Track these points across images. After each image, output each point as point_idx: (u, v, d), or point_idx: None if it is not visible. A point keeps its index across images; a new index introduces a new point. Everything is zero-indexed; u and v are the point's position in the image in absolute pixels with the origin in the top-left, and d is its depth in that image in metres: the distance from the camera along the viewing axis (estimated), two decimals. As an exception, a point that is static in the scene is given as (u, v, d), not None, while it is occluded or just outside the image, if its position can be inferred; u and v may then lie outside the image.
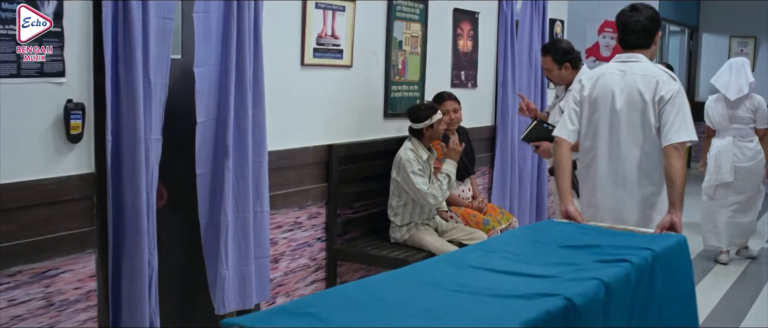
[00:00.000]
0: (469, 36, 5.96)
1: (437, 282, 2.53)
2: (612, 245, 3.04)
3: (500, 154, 6.35)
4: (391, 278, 2.60)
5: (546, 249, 3.04)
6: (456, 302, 2.35)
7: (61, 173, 3.06)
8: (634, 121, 3.56)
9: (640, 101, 3.54)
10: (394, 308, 2.27)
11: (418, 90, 5.35)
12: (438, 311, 2.26)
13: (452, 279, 2.57)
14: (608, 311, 2.59)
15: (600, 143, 3.65)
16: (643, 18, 3.63)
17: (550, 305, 2.30)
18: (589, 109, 3.66)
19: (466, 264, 2.76)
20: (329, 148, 4.53)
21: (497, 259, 2.84)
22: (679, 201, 3.43)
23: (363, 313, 2.20)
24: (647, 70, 3.59)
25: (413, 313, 2.23)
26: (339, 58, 4.57)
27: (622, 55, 3.69)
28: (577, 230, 3.33)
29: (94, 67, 3.16)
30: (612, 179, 3.65)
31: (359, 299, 2.32)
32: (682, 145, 3.46)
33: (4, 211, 2.87)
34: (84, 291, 3.20)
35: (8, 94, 2.84)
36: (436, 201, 4.62)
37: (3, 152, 2.86)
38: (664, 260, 3.03)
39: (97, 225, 3.21)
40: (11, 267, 2.92)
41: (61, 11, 2.98)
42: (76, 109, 3.07)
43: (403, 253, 4.60)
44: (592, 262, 2.82)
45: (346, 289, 2.49)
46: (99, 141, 3.20)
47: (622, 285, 2.69)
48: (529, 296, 2.39)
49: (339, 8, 4.49)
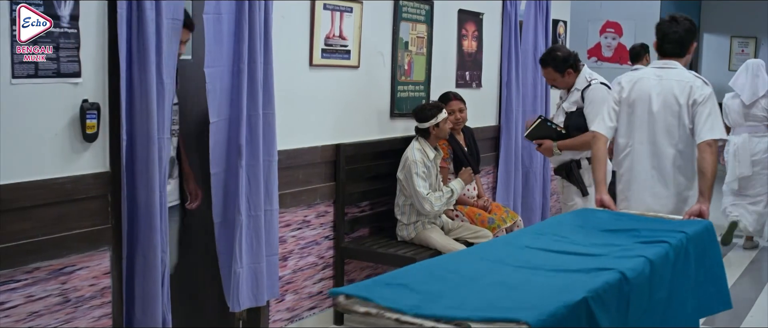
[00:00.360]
0: (474, 37, 6.02)
1: (501, 259, 2.87)
2: (648, 228, 3.41)
3: (504, 154, 6.40)
4: (461, 257, 3.02)
5: (589, 233, 3.38)
6: (522, 275, 2.69)
7: (76, 171, 3.12)
8: (669, 122, 3.90)
9: (676, 104, 3.88)
10: (471, 280, 2.62)
11: (423, 90, 5.40)
12: (510, 283, 2.59)
13: (514, 257, 2.91)
14: (652, 285, 2.91)
15: (636, 141, 3.98)
16: (681, 30, 3.96)
17: (607, 277, 2.63)
18: (628, 109, 3.99)
19: (522, 244, 3.12)
20: (337, 148, 4.58)
21: (548, 240, 3.19)
22: (708, 191, 3.78)
23: (445, 284, 2.55)
24: (682, 76, 3.92)
25: (489, 284, 2.58)
26: (346, 58, 4.62)
27: (659, 61, 4.03)
28: (613, 217, 3.68)
29: (109, 68, 3.20)
30: (648, 173, 3.98)
31: (439, 273, 2.66)
32: (714, 142, 3.81)
33: (22, 209, 2.93)
34: (99, 288, 3.25)
35: (26, 95, 2.90)
36: (432, 209, 4.66)
37: (21, 151, 2.91)
38: (695, 242, 3.37)
39: (112, 223, 3.26)
40: (29, 264, 2.97)
41: (77, 13, 3.04)
42: (92, 109, 3.12)
43: (410, 251, 4.65)
44: (634, 243, 3.18)
45: (426, 265, 2.83)
46: (114, 140, 3.25)
47: (663, 262, 3.02)
48: (587, 270, 2.72)
49: (346, 9, 4.54)
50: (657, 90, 3.92)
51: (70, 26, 3.01)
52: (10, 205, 2.87)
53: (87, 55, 3.11)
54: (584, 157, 4.86)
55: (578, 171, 4.88)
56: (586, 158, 4.86)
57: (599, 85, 4.82)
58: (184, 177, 3.91)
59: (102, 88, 3.19)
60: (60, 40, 2.98)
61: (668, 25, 3.97)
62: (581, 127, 4.80)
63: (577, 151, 4.85)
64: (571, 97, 4.92)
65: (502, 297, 2.43)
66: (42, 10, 2.89)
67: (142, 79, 3.23)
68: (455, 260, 2.91)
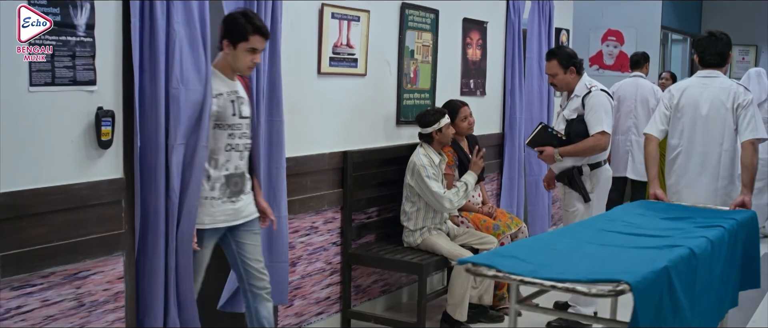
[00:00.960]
0: (478, 45, 6.08)
1: (585, 239, 3.43)
2: (702, 216, 3.96)
3: (508, 161, 6.46)
4: (552, 237, 3.63)
5: (652, 219, 3.92)
6: (607, 251, 3.24)
7: (92, 177, 3.17)
8: (716, 124, 4.49)
9: (722, 108, 4.46)
10: (566, 254, 3.17)
11: (429, 97, 5.46)
12: (599, 256, 3.14)
13: (595, 237, 3.47)
14: (712, 262, 3.42)
15: (685, 142, 4.57)
16: (721, 44, 4.59)
17: (680, 252, 3.14)
18: (677, 114, 4.57)
19: (597, 228, 3.66)
20: (344, 155, 4.64)
21: (619, 225, 3.72)
22: (750, 184, 4.33)
23: (547, 256, 3.09)
24: (725, 84, 4.53)
25: (582, 257, 3.11)
26: (354, 66, 4.68)
27: (703, 72, 4.62)
28: (669, 207, 4.25)
29: (123, 76, 3.26)
30: (696, 170, 4.56)
31: (539, 249, 3.23)
32: (757, 141, 4.37)
33: (38, 214, 2.98)
34: (113, 293, 3.30)
35: (43, 102, 2.95)
36: (451, 205, 4.74)
37: (38, 158, 2.97)
38: (744, 228, 3.93)
39: (126, 229, 3.31)
40: (45, 269, 3.02)
41: (93, 22, 3.09)
42: (107, 116, 3.17)
43: (417, 257, 4.70)
44: (693, 227, 3.68)
45: (526, 243, 3.55)
46: (127, 147, 3.31)
47: (720, 243, 3.54)
48: (660, 247, 3.24)
49: (354, 18, 4.60)
50: (704, 96, 4.49)
51: (86, 35, 3.07)
52: (27, 210, 2.92)
53: (102, 63, 3.16)
54: (585, 163, 4.92)
55: (580, 177, 4.93)
56: (587, 165, 4.92)
57: (599, 92, 4.89)
58: (255, 193, 3.77)
59: (116, 95, 3.25)
60: (76, 49, 3.03)
61: (708, 40, 4.60)
62: (582, 134, 4.86)
63: (578, 158, 4.91)
64: (572, 105, 4.98)
65: (597, 266, 2.94)
66: (59, 19, 2.95)
67: (152, 87, 3.29)
68: (549, 240, 3.50)
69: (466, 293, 4.72)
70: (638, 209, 4.17)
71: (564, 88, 5.08)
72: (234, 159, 3.55)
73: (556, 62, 5.02)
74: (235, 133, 3.53)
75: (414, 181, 4.75)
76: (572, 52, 5.11)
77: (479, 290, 4.83)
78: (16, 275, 2.92)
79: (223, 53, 3.53)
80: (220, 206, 3.52)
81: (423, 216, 4.79)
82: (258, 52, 3.49)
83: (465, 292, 4.71)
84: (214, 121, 3.47)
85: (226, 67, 3.54)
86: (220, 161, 3.51)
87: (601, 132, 4.79)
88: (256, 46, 3.45)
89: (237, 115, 3.54)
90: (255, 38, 3.44)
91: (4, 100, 2.81)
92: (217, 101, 3.46)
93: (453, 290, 4.73)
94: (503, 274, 2.86)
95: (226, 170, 3.52)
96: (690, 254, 3.18)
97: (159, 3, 3.25)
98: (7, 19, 2.80)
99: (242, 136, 3.57)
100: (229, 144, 3.52)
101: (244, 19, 3.44)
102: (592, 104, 4.85)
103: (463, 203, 4.86)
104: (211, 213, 3.50)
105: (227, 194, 3.54)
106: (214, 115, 3.46)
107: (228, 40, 3.47)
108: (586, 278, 2.75)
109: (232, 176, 3.55)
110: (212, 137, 3.47)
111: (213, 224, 3.52)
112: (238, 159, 3.56)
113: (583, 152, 4.86)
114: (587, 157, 4.89)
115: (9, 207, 2.86)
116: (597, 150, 4.84)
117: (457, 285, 4.70)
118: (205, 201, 3.47)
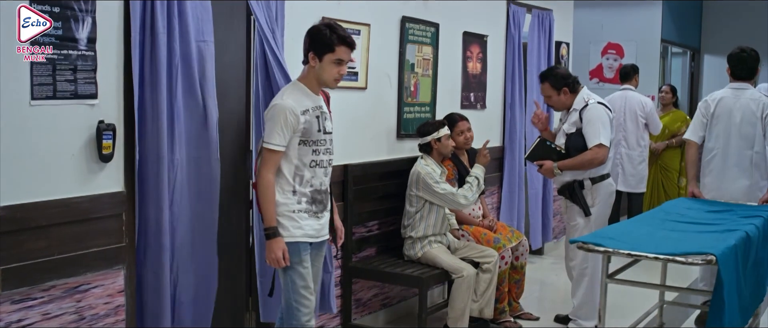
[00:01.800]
0: (479, 58, 6.09)
1: (656, 227, 4.23)
2: (740, 209, 4.74)
3: (508, 175, 6.46)
4: (627, 226, 4.40)
5: (698, 212, 4.69)
6: (680, 234, 4.03)
7: (92, 191, 3.18)
8: (747, 130, 5.23)
9: (752, 117, 5.22)
10: (649, 236, 3.97)
11: (429, 111, 5.47)
12: (675, 238, 3.91)
13: (662, 226, 4.27)
14: (758, 246, 4.15)
15: (721, 145, 5.31)
16: (751, 60, 5.31)
17: (739, 234, 3.89)
18: (713, 121, 5.33)
19: (661, 219, 4.47)
20: (345, 168, 4.64)
21: (675, 217, 4.54)
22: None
23: (634, 239, 3.87)
24: (755, 96, 5.29)
25: (662, 239, 3.90)
26: (354, 80, 4.69)
27: (734, 84, 5.35)
28: (707, 203, 5.05)
29: (124, 89, 3.27)
30: (731, 170, 5.28)
31: (625, 234, 3.98)
32: None
33: (39, 228, 2.98)
34: (113, 306, 3.30)
35: (44, 116, 2.96)
36: (467, 201, 4.76)
37: (39, 171, 2.97)
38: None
39: (126, 242, 3.32)
40: (45, 282, 3.02)
41: (95, 36, 3.11)
42: (108, 130, 3.18)
43: (417, 270, 4.70)
44: (736, 218, 4.44)
45: (616, 229, 4.24)
46: (128, 160, 3.32)
47: (764, 230, 4.30)
48: (720, 231, 4.01)
49: (354, 32, 4.61)
50: (736, 106, 5.26)
51: (87, 49, 3.08)
52: (28, 224, 2.93)
53: (103, 76, 3.17)
54: (587, 177, 4.91)
55: (581, 191, 4.93)
56: (589, 179, 4.92)
57: (596, 105, 4.90)
58: (331, 211, 3.76)
59: (117, 109, 3.26)
60: (78, 63, 3.05)
61: (740, 55, 5.32)
62: (580, 148, 4.86)
63: (578, 172, 4.91)
64: (570, 118, 4.99)
65: (680, 244, 3.70)
66: (61, 33, 2.96)
67: (153, 101, 3.30)
68: (626, 228, 4.28)
69: (467, 307, 4.71)
70: (684, 204, 5.01)
71: (560, 108, 5.10)
72: (319, 175, 3.52)
73: (548, 85, 5.06)
74: (319, 149, 3.50)
75: (421, 190, 4.76)
76: (564, 72, 5.14)
77: (480, 303, 4.82)
78: (17, 288, 2.92)
79: (308, 67, 3.50)
80: (307, 220, 3.49)
81: (424, 225, 4.80)
82: (344, 63, 3.47)
83: (466, 305, 4.70)
84: (299, 137, 3.43)
85: (312, 81, 3.50)
86: (306, 177, 3.47)
87: (598, 145, 4.80)
88: (343, 57, 3.43)
89: (321, 131, 3.50)
90: (341, 49, 3.42)
91: (6, 113, 2.83)
92: (304, 117, 3.42)
93: (454, 304, 4.72)
94: (613, 249, 3.67)
95: (310, 187, 3.49)
96: (745, 237, 3.92)
97: (160, 17, 3.27)
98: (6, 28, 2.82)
99: (326, 152, 3.55)
100: (314, 160, 3.48)
101: (329, 31, 3.41)
102: (590, 117, 4.86)
103: (477, 196, 4.85)
104: (302, 226, 3.47)
105: (313, 210, 3.50)
106: (300, 132, 3.42)
107: (313, 53, 3.43)
108: (679, 251, 3.55)
109: (317, 192, 3.52)
110: (297, 153, 3.45)
111: (306, 238, 3.49)
112: (322, 175, 3.54)
113: (581, 166, 4.86)
114: (587, 170, 4.89)
115: (10, 220, 2.86)
116: (595, 163, 4.84)
117: (458, 299, 4.69)
118: (293, 214, 3.45)
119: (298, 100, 3.43)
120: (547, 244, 7.36)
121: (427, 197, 4.75)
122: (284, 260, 3.40)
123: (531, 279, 5.88)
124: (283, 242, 3.41)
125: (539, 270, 6.77)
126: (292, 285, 3.48)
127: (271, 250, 3.40)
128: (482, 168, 4.94)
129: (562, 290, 5.98)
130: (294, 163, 3.45)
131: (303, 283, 3.48)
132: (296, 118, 3.39)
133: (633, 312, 5.03)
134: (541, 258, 7.22)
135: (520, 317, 5.34)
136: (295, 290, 3.48)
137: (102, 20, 3.13)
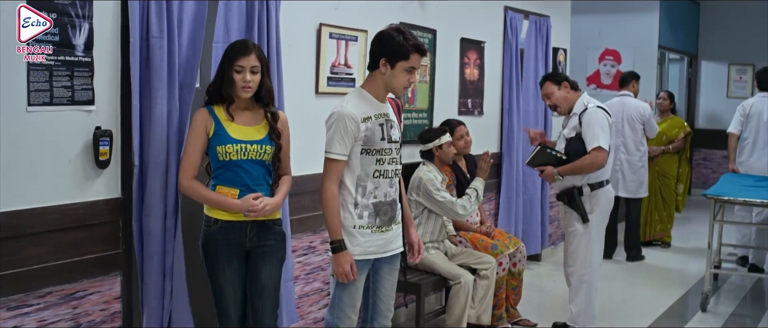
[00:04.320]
0: (476, 65, 6.10)
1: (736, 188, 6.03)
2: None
3: (506, 181, 6.46)
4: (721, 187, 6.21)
5: (749, 181, 6.51)
6: (753, 192, 5.88)
7: (89, 197, 3.17)
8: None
9: None
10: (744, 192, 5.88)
11: (427, 117, 5.47)
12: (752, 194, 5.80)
13: (737, 188, 6.09)
14: None
15: (752, 136, 7.26)
16: None
17: None
18: (747, 119, 7.29)
19: (739, 185, 6.24)
20: (342, 174, 4.63)
21: (743, 182, 6.39)
22: None
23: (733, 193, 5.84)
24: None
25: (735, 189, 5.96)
26: (352, 86, 4.69)
27: (762, 93, 7.33)
28: (745, 176, 6.87)
29: (121, 96, 3.27)
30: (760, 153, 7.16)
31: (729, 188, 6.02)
32: None
33: (36, 234, 2.97)
34: (109, 313, 3.29)
35: (41, 122, 2.96)
36: (465, 212, 4.74)
37: (36, 177, 2.97)
38: None
39: (123, 248, 3.31)
40: (42, 289, 3.01)
41: (92, 42, 3.10)
42: (105, 136, 3.18)
43: (415, 276, 4.69)
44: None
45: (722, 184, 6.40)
46: (125, 167, 3.31)
47: None
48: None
49: (352, 38, 4.62)
50: (764, 108, 7.20)
51: (84, 55, 3.08)
52: (24, 230, 2.92)
53: (100, 83, 3.17)
54: (585, 183, 4.92)
55: (579, 198, 4.93)
56: (588, 185, 4.92)
57: (595, 109, 4.91)
58: (405, 224, 3.64)
59: (114, 115, 3.26)
60: (75, 69, 3.04)
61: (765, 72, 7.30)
62: (581, 152, 4.87)
63: (579, 177, 4.91)
64: (570, 123, 5.00)
65: None
66: (58, 39, 2.96)
67: (152, 107, 3.30)
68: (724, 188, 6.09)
69: (465, 313, 4.70)
70: (734, 179, 6.71)
71: (562, 105, 5.08)
72: (383, 186, 3.40)
73: (549, 82, 5.11)
74: (383, 158, 3.38)
75: (421, 196, 4.76)
76: (564, 74, 5.21)
77: (477, 309, 4.82)
78: (13, 295, 2.91)
79: (376, 73, 3.39)
80: (370, 236, 3.38)
81: (422, 231, 4.79)
82: (415, 71, 3.39)
83: (463, 312, 4.69)
84: (361, 146, 3.33)
85: (378, 88, 3.40)
86: (368, 189, 3.37)
87: (597, 148, 4.80)
88: (415, 64, 3.34)
89: (386, 140, 3.39)
90: (415, 57, 3.32)
91: (3, 119, 2.82)
92: (365, 125, 3.33)
93: (451, 310, 4.72)
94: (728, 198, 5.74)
95: (374, 198, 3.37)
96: None
97: (157, 22, 3.26)
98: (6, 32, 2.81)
99: (392, 161, 3.42)
100: (378, 170, 3.37)
101: (402, 37, 3.31)
102: (588, 121, 4.87)
103: (475, 208, 4.85)
104: (360, 243, 3.36)
105: (377, 223, 3.39)
106: (362, 140, 3.32)
107: (385, 60, 3.33)
108: None
109: (381, 204, 3.40)
110: (359, 163, 3.35)
111: (363, 255, 3.38)
112: (387, 186, 3.41)
113: (581, 170, 4.86)
114: (587, 175, 4.89)
115: (6, 227, 2.86)
116: (594, 167, 4.84)
117: (456, 305, 4.69)
118: (353, 230, 3.35)
119: (359, 108, 3.33)
120: (545, 250, 7.36)
121: (426, 203, 4.75)
122: (352, 274, 3.31)
123: (529, 285, 5.88)
124: (350, 255, 3.31)
125: (537, 276, 6.77)
126: (339, 302, 3.41)
127: (339, 264, 3.31)
128: (482, 181, 4.92)
129: (560, 296, 5.98)
130: (356, 173, 3.34)
131: (350, 301, 3.41)
132: (356, 126, 3.29)
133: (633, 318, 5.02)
134: (538, 264, 7.22)
135: (518, 324, 5.33)
136: (341, 307, 3.42)
137: (99, 26, 3.13)
